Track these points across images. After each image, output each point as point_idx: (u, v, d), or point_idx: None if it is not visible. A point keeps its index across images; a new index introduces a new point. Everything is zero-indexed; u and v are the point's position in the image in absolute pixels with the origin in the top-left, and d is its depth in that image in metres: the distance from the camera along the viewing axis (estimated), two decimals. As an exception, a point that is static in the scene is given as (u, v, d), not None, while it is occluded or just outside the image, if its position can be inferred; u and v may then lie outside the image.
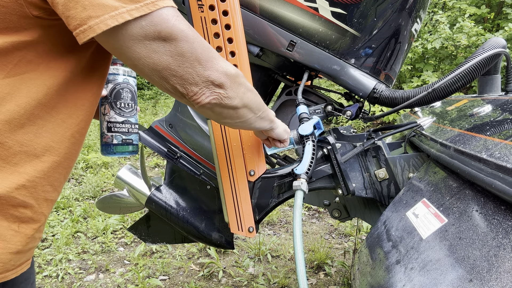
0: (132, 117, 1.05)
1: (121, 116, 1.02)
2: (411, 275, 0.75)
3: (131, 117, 1.04)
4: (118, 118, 1.02)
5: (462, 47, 5.64)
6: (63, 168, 0.76)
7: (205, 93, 0.70)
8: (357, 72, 1.26)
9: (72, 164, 0.80)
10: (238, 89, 0.76)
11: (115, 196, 1.58)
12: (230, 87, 0.73)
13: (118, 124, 1.01)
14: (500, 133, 0.95)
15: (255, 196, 1.26)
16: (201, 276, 2.58)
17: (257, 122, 0.91)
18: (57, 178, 0.76)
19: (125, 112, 1.02)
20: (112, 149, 1.02)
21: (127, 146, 1.04)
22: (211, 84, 0.70)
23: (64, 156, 0.75)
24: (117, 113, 1.02)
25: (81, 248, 2.92)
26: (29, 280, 0.81)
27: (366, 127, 5.99)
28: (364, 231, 3.11)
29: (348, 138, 1.40)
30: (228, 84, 0.72)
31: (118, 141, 1.01)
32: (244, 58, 1.16)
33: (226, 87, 0.72)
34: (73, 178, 4.63)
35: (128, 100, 1.03)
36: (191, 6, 1.13)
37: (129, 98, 1.04)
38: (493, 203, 0.75)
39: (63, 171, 0.77)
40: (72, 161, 0.79)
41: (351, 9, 1.20)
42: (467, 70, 1.12)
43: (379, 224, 1.06)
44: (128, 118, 1.03)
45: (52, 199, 0.77)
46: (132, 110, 1.04)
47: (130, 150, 1.05)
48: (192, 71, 0.67)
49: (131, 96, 1.04)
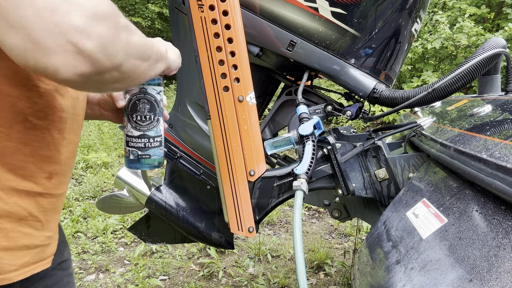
0: (151, 130, 0.94)
1: (137, 130, 0.93)
2: (411, 275, 0.75)
3: (149, 130, 0.94)
4: (134, 132, 0.93)
5: (462, 47, 5.64)
6: (25, 155, 0.69)
7: (67, 61, 0.48)
8: (357, 72, 1.26)
9: (47, 153, 0.73)
10: (116, 37, 0.53)
11: (115, 196, 1.58)
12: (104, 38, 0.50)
13: (134, 139, 0.93)
14: (500, 133, 0.95)
15: (255, 196, 1.26)
16: (201, 276, 2.58)
17: (152, 70, 0.70)
18: (20, 166, 0.68)
19: (142, 125, 0.93)
20: (130, 164, 0.95)
21: (144, 161, 0.94)
22: (71, 44, 0.48)
23: (20, 141, 0.68)
24: (133, 127, 0.93)
25: (81, 248, 2.92)
26: (60, 284, 0.79)
27: (366, 127, 5.99)
28: (364, 231, 3.11)
29: (348, 138, 1.40)
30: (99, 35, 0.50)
31: (134, 157, 0.94)
32: (244, 58, 1.16)
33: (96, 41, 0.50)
34: (73, 178, 4.62)
35: (146, 112, 0.93)
36: (191, 6, 1.13)
37: (147, 109, 0.93)
38: (493, 203, 0.75)
39: (28, 159, 0.69)
40: (41, 148, 0.72)
41: (351, 9, 1.20)
42: (467, 70, 1.12)
43: (379, 224, 1.06)
44: (145, 132, 0.93)
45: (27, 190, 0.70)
46: (151, 123, 0.94)
47: (148, 165, 0.95)
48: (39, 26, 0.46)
49: (150, 107, 0.94)
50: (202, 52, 1.15)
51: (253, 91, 1.19)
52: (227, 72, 1.16)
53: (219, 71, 1.16)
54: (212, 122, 1.21)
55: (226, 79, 1.16)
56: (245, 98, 1.17)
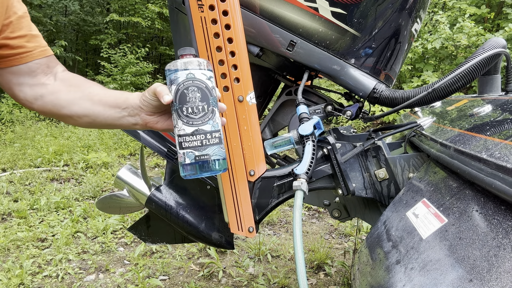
0: (206, 123, 0.79)
1: (190, 125, 0.79)
2: (411, 275, 0.75)
3: (204, 124, 0.79)
4: (187, 128, 0.79)
5: (462, 47, 5.64)
6: None
7: None
8: (357, 72, 1.26)
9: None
10: None
11: (115, 196, 1.58)
12: None
13: (187, 138, 0.79)
14: (500, 133, 0.95)
15: (255, 196, 1.25)
16: (201, 276, 2.58)
17: None
18: None
19: (194, 119, 0.78)
20: (187, 171, 0.80)
21: (203, 164, 0.79)
22: None
23: None
24: (185, 122, 0.79)
25: (81, 248, 2.92)
26: None
27: (366, 127, 5.99)
28: (364, 231, 3.11)
29: (348, 138, 1.40)
30: None
31: (191, 160, 0.79)
32: (244, 58, 1.16)
33: None
34: (73, 178, 4.63)
35: (197, 102, 0.78)
36: (191, 6, 1.13)
37: (199, 99, 0.78)
38: (493, 203, 0.75)
39: None
40: None
41: (351, 9, 1.19)
42: (467, 70, 1.12)
43: (379, 224, 1.06)
44: (200, 127, 0.79)
45: None
46: (205, 115, 0.79)
47: (209, 168, 0.80)
48: None
49: (202, 96, 0.79)
50: (202, 52, 1.15)
51: (253, 91, 1.19)
52: (227, 72, 1.16)
53: (219, 71, 1.16)
54: (212, 122, 1.21)
55: (226, 79, 1.16)
56: (245, 98, 1.17)
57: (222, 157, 0.82)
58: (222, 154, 0.81)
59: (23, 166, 4.97)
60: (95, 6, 13.04)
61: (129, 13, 11.51)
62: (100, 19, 12.34)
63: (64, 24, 11.98)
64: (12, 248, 2.89)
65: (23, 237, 2.99)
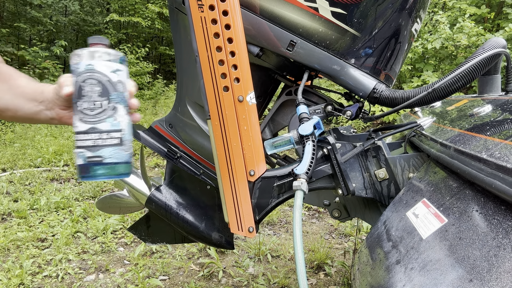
0: (104, 121, 0.72)
1: (84, 122, 0.71)
2: (411, 275, 0.75)
3: (100, 121, 0.71)
4: (81, 126, 0.71)
5: (462, 47, 5.64)
6: None
7: None
8: (357, 72, 1.26)
9: None
10: None
11: (115, 196, 1.58)
12: None
13: (81, 136, 0.71)
14: (500, 133, 0.95)
15: (255, 196, 1.25)
16: (201, 276, 2.58)
17: None
18: None
19: (89, 115, 0.71)
20: (80, 174, 0.72)
21: (94, 168, 0.71)
22: None
23: None
24: (80, 119, 0.72)
25: (81, 248, 2.92)
26: None
27: (366, 127, 6.00)
28: (364, 231, 3.11)
29: (348, 138, 1.39)
30: None
31: (83, 161, 0.71)
32: (244, 58, 1.16)
33: None
34: (73, 178, 4.63)
35: (95, 96, 0.71)
36: (191, 6, 1.13)
37: (97, 93, 0.71)
38: (493, 203, 0.75)
39: None
40: None
41: (351, 9, 1.19)
42: (467, 70, 1.12)
43: (379, 224, 1.06)
44: (95, 125, 0.71)
45: None
46: (104, 111, 0.71)
47: (102, 173, 0.72)
48: None
49: (101, 90, 0.71)
50: (202, 52, 1.15)
51: (253, 91, 1.19)
52: (227, 72, 1.16)
53: (219, 71, 1.16)
54: (212, 122, 1.21)
55: (226, 79, 1.16)
56: (245, 98, 1.17)
57: (123, 160, 0.74)
58: (123, 157, 0.74)
59: (23, 166, 4.98)
60: (95, 6, 13.05)
61: (129, 13, 11.51)
62: (100, 19, 12.35)
63: (64, 24, 11.99)
64: (12, 248, 2.89)
65: (23, 237, 2.99)
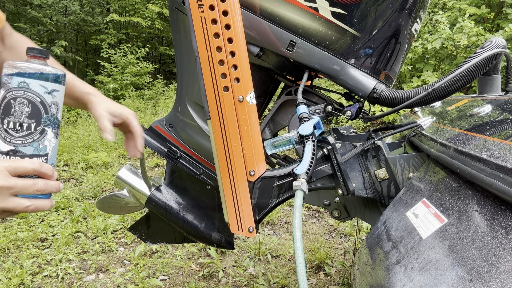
0: (28, 145, 0.65)
1: (7, 142, 0.65)
2: (411, 275, 0.75)
3: (24, 145, 0.65)
4: (3, 145, 0.65)
5: (462, 47, 5.65)
6: None
7: None
8: (357, 72, 1.26)
9: None
10: None
11: (115, 196, 1.58)
12: None
13: (1, 156, 0.65)
14: (500, 133, 0.95)
15: (255, 196, 1.25)
16: (201, 276, 2.58)
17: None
18: None
19: (14, 136, 0.65)
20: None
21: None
22: None
23: None
24: (2, 138, 0.65)
25: (81, 248, 2.92)
26: None
27: (366, 127, 6.00)
28: (364, 231, 3.11)
29: (348, 138, 1.39)
30: None
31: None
32: (244, 58, 1.16)
33: None
34: (73, 178, 4.63)
35: (23, 117, 0.65)
36: (191, 6, 1.13)
37: (26, 114, 0.65)
38: (493, 203, 0.75)
39: None
40: None
41: (351, 9, 1.19)
42: (467, 70, 1.12)
43: (379, 224, 1.06)
44: (18, 147, 0.65)
45: None
46: (30, 134, 0.65)
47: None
48: None
49: (31, 112, 0.65)
50: (202, 52, 1.15)
51: (253, 91, 1.19)
52: (227, 72, 1.16)
53: (219, 71, 1.16)
54: (212, 122, 1.21)
55: (226, 79, 1.16)
56: (245, 98, 1.17)
57: (40, 196, 0.68)
58: None
59: (23, 166, 4.97)
60: (95, 6, 13.04)
61: (129, 13, 11.52)
62: (100, 19, 12.35)
63: (64, 24, 11.99)
64: (12, 248, 2.89)
65: (23, 237, 3.00)
